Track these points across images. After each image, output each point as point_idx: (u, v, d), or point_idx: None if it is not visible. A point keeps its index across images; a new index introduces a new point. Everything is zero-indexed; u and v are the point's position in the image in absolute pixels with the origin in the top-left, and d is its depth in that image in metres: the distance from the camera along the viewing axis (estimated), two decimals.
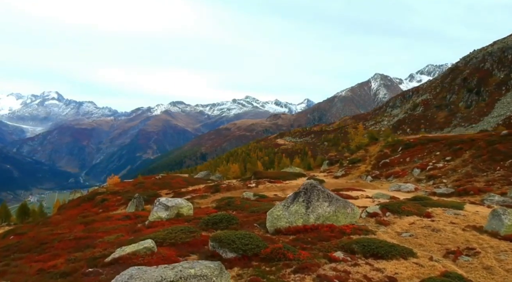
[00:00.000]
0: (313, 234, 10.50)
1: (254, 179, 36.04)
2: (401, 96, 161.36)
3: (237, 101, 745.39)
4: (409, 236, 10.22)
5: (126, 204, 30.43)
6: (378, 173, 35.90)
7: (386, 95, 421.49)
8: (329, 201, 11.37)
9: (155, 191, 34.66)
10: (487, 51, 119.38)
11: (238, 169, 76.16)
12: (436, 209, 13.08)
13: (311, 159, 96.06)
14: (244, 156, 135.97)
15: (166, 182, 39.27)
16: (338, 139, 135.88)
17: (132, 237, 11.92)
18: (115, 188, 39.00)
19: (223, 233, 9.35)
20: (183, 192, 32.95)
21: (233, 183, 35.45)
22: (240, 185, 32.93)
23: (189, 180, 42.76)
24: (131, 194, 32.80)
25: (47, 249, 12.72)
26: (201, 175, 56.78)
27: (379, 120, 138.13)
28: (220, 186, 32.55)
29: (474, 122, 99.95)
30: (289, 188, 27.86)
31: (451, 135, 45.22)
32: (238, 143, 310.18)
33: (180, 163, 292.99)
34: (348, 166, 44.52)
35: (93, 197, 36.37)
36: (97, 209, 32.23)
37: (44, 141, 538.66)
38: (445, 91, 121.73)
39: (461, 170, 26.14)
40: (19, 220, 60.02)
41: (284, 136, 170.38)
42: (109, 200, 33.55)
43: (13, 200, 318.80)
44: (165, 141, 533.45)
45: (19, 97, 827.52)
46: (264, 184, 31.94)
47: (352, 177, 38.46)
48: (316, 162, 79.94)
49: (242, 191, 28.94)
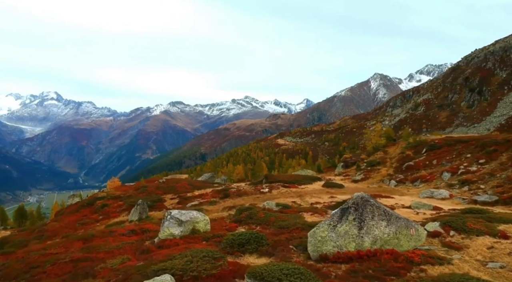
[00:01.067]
0: (372, 264, 8.28)
1: (266, 183, 33.69)
2: (402, 96, 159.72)
3: (237, 101, 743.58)
4: (500, 268, 7.96)
5: (128, 210, 28.34)
6: (403, 177, 33.18)
7: (385, 95, 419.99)
8: (387, 219, 9.15)
9: (159, 195, 32.68)
10: (489, 50, 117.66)
11: (242, 170, 73.70)
12: (508, 226, 10.83)
13: (321, 160, 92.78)
14: (244, 156, 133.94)
15: (170, 186, 36.88)
16: (339, 139, 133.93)
17: (141, 263, 9.69)
18: (116, 192, 36.54)
19: (264, 268, 7.14)
20: (189, 197, 30.84)
21: (243, 187, 33.21)
22: (251, 189, 30.73)
23: (194, 183, 39.75)
24: (134, 199, 30.70)
25: (37, 276, 10.49)
26: (205, 177, 54.21)
27: (380, 120, 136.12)
28: (229, 190, 30.38)
29: (476, 122, 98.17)
30: (307, 194, 25.57)
31: (481, 136, 42.53)
32: (237, 143, 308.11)
33: (179, 163, 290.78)
34: (366, 168, 41.68)
35: (92, 202, 34.08)
36: (97, 215, 30.13)
37: (43, 141, 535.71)
38: (447, 90, 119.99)
39: (500, 174, 23.77)
40: (16, 223, 57.50)
41: (284, 137, 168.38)
42: (110, 206, 31.47)
43: (12, 201, 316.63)
44: (165, 141, 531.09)
45: (18, 97, 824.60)
46: (278, 189, 29.61)
47: (372, 181, 35.72)
48: (323, 163, 76.94)
49: (254, 196, 26.80)
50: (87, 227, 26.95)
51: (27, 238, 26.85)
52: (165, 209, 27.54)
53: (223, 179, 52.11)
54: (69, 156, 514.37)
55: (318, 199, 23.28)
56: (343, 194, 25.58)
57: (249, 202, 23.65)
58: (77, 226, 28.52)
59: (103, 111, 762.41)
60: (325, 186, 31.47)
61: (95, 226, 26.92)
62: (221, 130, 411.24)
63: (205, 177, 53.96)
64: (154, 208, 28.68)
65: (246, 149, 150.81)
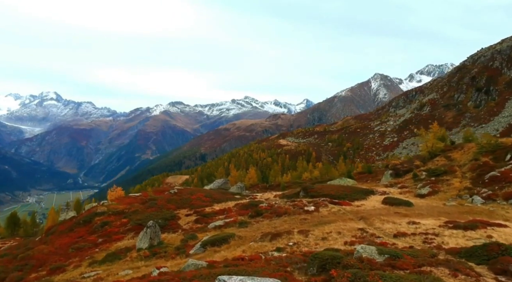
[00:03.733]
0: None
1: (305, 196, 28.18)
2: (404, 96, 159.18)
3: (236, 101, 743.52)
4: None
5: (134, 231, 23.81)
6: (490, 192, 25.99)
7: (386, 95, 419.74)
8: None
9: (172, 211, 28.07)
10: (496, 49, 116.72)
11: (255, 175, 67.74)
12: None
13: (351, 163, 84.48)
14: (246, 157, 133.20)
15: (184, 199, 31.40)
16: (342, 140, 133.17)
17: None
18: (118, 206, 30.50)
19: None
20: (208, 212, 26.11)
21: (273, 200, 27.85)
22: (287, 205, 24.82)
23: (212, 194, 33.81)
24: (141, 216, 26.51)
25: None
26: (217, 183, 47.53)
27: (384, 120, 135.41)
28: (259, 206, 25.04)
29: (484, 122, 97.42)
30: (372, 216, 19.47)
31: None
32: (237, 143, 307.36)
33: (179, 164, 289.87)
34: (429, 179, 34.21)
35: (90, 219, 28.30)
36: (96, 236, 25.07)
37: (42, 142, 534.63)
38: (453, 90, 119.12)
39: None
40: (8, 231, 54.74)
41: (286, 137, 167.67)
42: (112, 224, 26.29)
43: (11, 201, 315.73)
44: (164, 141, 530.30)
45: (18, 97, 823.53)
46: (327, 207, 23.50)
47: (445, 196, 28.65)
48: (342, 167, 70.96)
49: (299, 218, 20.86)
50: (83, 254, 22.89)
51: (6, 268, 23.06)
52: (180, 229, 23.50)
53: (239, 187, 46.25)
54: (69, 156, 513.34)
55: (393, 224, 17.45)
56: (421, 216, 19.65)
57: (295, 226, 18.20)
58: (70, 252, 24.01)
59: (102, 111, 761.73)
60: (386, 203, 25.18)
61: (93, 252, 22.96)
62: (221, 131, 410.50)
63: (217, 184, 47.30)
64: (167, 228, 24.16)
65: (248, 149, 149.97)
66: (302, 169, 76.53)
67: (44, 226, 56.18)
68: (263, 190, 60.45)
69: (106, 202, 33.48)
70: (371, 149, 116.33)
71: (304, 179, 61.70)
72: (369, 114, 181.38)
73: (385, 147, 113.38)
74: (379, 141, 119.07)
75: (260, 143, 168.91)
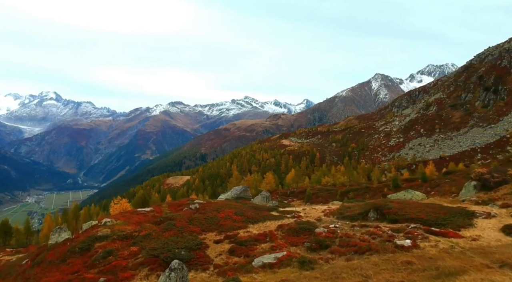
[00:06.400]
0: None
1: (378, 219, 21.10)
2: (407, 96, 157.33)
3: (236, 101, 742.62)
4: None
5: (147, 266, 16.64)
6: None
7: (387, 95, 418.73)
8: None
9: (195, 235, 20.77)
10: (504, 48, 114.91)
11: (272, 180, 60.99)
12: None
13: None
14: (248, 157, 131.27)
15: (209, 218, 23.74)
16: (347, 140, 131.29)
17: None
18: (125, 228, 22.56)
19: None
20: (244, 239, 19.07)
21: (331, 222, 20.86)
22: (359, 233, 18.00)
23: (244, 211, 25.44)
24: (155, 243, 19.22)
25: None
26: (236, 191, 39.65)
27: (389, 120, 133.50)
28: (316, 232, 18.38)
29: (493, 123, 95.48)
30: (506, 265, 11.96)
31: None
32: (238, 143, 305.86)
33: (179, 164, 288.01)
34: None
35: (89, 246, 20.66)
36: (96, 272, 17.40)
37: (42, 142, 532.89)
38: (460, 90, 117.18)
39: None
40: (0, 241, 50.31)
41: (288, 137, 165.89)
42: (117, 254, 18.96)
43: (10, 201, 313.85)
44: (164, 141, 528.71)
45: (17, 97, 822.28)
46: (427, 240, 15.99)
47: None
48: (376, 172, 64.15)
49: (398, 260, 13.26)
50: None
51: None
52: (212, 265, 16.53)
53: (264, 196, 37.49)
54: (68, 156, 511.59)
55: None
56: None
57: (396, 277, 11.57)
58: None
59: (102, 111, 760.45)
60: (507, 233, 17.02)
61: None
62: (221, 131, 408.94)
63: (236, 192, 39.59)
64: (193, 263, 16.96)
65: (250, 150, 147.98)
66: (321, 173, 69.01)
67: (40, 233, 53.06)
68: (284, 197, 54.11)
69: (109, 221, 24.45)
70: (377, 150, 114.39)
71: (324, 184, 57.23)
72: (372, 114, 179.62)
73: (391, 147, 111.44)
74: (385, 141, 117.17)
75: (262, 143, 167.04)
